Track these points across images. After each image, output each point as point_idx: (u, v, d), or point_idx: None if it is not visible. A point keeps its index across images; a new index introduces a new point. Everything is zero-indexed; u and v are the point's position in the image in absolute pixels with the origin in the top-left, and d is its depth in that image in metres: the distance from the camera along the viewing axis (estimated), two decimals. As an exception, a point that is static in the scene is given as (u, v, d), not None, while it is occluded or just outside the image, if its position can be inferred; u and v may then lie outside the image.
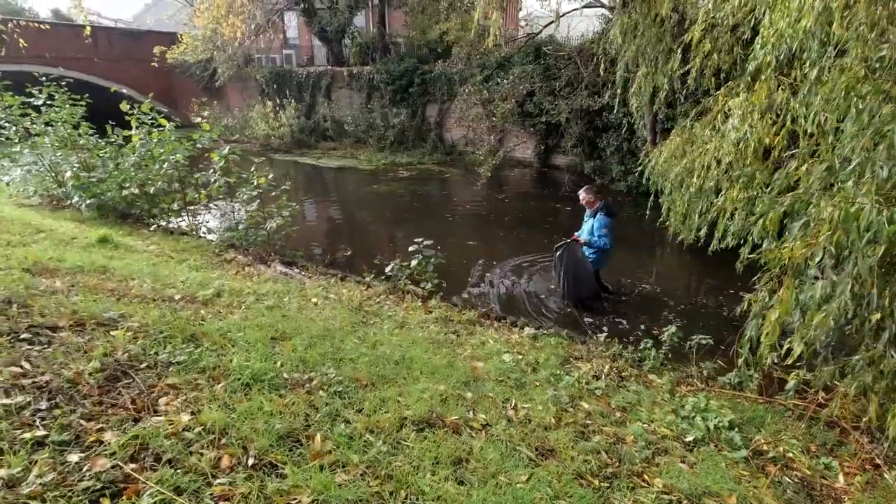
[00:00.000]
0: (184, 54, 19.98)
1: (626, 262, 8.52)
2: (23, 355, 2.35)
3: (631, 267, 8.27)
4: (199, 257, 6.20)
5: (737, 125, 6.66)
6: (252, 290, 4.64)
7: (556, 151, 15.71)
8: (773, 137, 6.36)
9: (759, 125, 6.49)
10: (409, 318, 4.73)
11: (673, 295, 7.07)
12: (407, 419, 2.46)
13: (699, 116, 8.33)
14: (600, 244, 5.96)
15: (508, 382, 3.38)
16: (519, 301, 6.59)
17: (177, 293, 4.04)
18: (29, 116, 8.11)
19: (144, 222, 7.80)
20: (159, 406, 2.18)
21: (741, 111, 6.71)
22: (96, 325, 2.91)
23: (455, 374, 3.30)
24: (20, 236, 5.09)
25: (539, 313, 6.17)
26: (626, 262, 8.52)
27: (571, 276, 6.15)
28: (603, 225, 6.00)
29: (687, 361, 4.56)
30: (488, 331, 4.79)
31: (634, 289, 7.22)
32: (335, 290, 5.44)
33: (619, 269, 7.94)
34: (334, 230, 10.28)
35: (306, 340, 3.33)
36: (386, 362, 3.26)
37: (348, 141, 18.98)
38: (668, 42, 8.46)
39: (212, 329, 3.17)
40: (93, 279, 3.98)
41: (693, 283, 7.97)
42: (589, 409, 3.19)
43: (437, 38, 17.95)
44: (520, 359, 4.08)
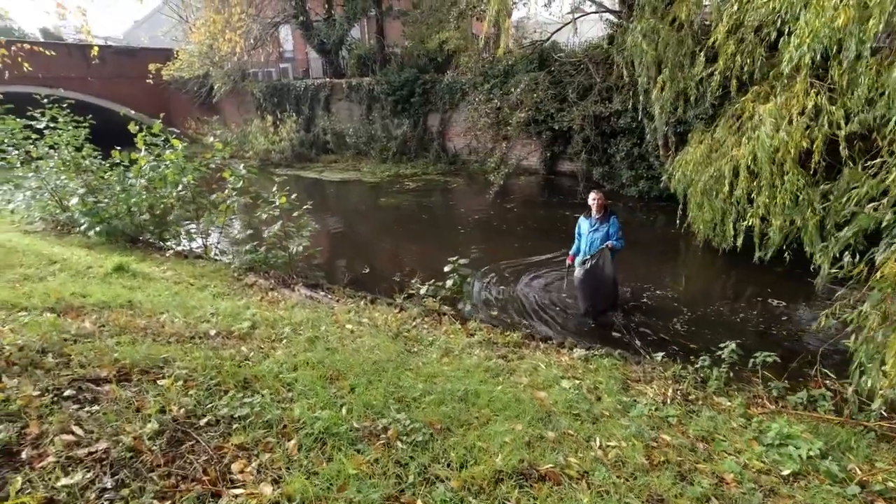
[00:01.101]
0: (180, 70, 19.71)
1: (647, 269, 8.35)
2: (72, 418, 2.09)
3: (653, 274, 8.10)
4: (220, 283, 5.93)
5: (770, 131, 6.51)
6: (286, 320, 4.39)
7: (563, 158, 15.55)
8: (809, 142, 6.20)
9: (796, 130, 6.33)
10: (451, 343, 4.49)
11: (702, 303, 6.88)
12: (502, 472, 2.22)
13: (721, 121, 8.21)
14: (619, 246, 5.91)
15: (581, 415, 3.14)
16: (548, 316, 6.37)
17: (211, 328, 3.78)
18: (31, 140, 7.83)
19: (156, 246, 7.52)
20: (234, 474, 1.93)
21: (773, 117, 6.56)
22: (140, 373, 2.65)
23: (524, 408, 3.07)
24: (35, 269, 4.81)
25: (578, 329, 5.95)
26: (647, 269, 8.35)
27: (602, 287, 5.95)
28: (619, 228, 5.96)
29: (744, 378, 4.36)
30: (536, 353, 4.55)
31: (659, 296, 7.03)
32: (367, 314, 5.19)
33: (639, 276, 7.77)
34: (348, 246, 10.02)
35: (362, 379, 3.08)
36: (450, 400, 3.01)
37: (349, 153, 18.76)
38: (690, 45, 8.32)
39: (262, 372, 2.92)
40: (121, 316, 3.71)
41: (723, 291, 7.79)
42: (672, 443, 2.96)
43: (436, 47, 17.82)
44: (578, 384, 3.85)
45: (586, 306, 6.10)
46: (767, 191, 6.71)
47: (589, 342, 5.05)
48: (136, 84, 22.33)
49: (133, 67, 22.61)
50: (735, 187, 7.11)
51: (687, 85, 8.72)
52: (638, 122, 12.69)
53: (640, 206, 12.73)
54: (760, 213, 6.85)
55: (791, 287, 7.13)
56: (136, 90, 22.59)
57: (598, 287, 5.96)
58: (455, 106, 16.97)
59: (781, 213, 6.55)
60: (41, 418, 2.06)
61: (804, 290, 7.11)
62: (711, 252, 8.14)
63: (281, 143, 18.38)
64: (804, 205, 6.21)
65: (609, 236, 5.90)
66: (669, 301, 6.92)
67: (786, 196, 6.42)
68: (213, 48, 17.74)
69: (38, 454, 1.84)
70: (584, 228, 6.14)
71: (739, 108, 7.70)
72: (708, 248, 8.22)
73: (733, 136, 7.57)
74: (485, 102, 13.29)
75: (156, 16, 33.84)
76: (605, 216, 5.97)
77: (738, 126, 7.59)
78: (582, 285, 6.04)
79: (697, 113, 10.36)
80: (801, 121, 6.21)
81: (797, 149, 6.22)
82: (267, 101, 20.89)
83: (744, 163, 6.87)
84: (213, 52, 18.26)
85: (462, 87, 15.93)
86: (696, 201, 8.08)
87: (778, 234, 6.60)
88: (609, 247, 5.83)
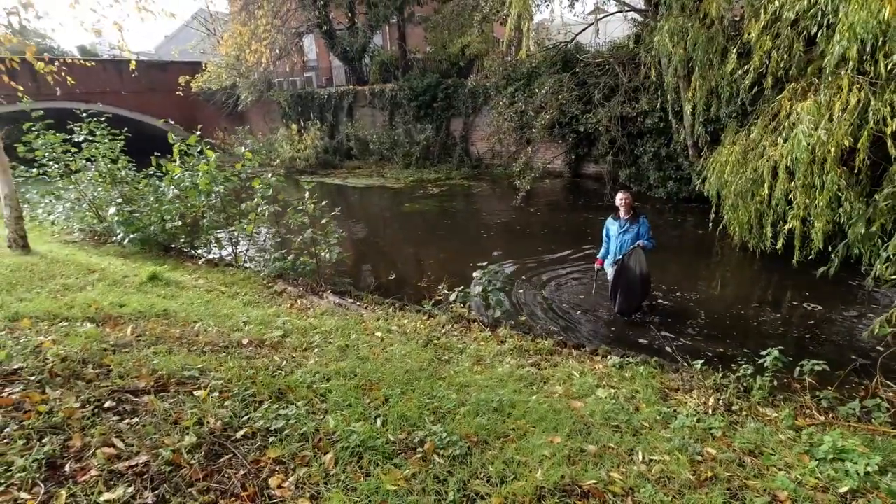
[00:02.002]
0: (208, 82, 20.20)
1: (678, 272, 8.16)
2: (113, 431, 2.10)
3: (685, 277, 7.90)
4: (250, 290, 5.99)
5: (809, 130, 6.24)
6: (316, 328, 4.39)
7: (587, 160, 15.35)
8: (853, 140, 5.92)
9: (838, 128, 6.05)
10: (482, 351, 4.42)
11: (737, 307, 6.68)
12: (543, 489, 2.14)
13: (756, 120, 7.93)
14: (651, 246, 5.91)
15: (621, 427, 3.03)
16: (577, 320, 6.25)
17: (243, 336, 3.81)
18: (70, 153, 8.09)
19: (188, 255, 7.67)
20: (272, 489, 1.90)
21: (812, 114, 6.30)
22: (177, 384, 2.66)
23: (561, 420, 2.98)
24: (75, 279, 4.94)
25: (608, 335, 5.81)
26: (678, 272, 8.16)
27: (637, 284, 5.91)
28: (649, 228, 5.97)
29: (788, 387, 4.17)
30: (569, 361, 4.44)
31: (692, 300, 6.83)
32: (396, 321, 5.16)
33: (670, 279, 7.59)
34: (374, 253, 10.04)
35: (395, 389, 3.04)
36: (486, 411, 2.94)
37: (373, 159, 18.91)
38: (721, 42, 8.09)
39: (295, 382, 2.91)
40: (157, 326, 3.77)
41: (759, 295, 7.52)
42: (718, 457, 2.82)
43: (458, 52, 17.84)
44: (614, 393, 3.73)
45: (620, 304, 6.02)
46: (808, 191, 6.44)
47: (622, 349, 4.90)
48: (166, 97, 22.95)
49: (164, 80, 23.27)
50: (773, 188, 6.86)
51: (718, 83, 8.49)
52: (666, 122, 12.42)
53: (668, 208, 12.45)
54: (801, 214, 6.59)
55: (831, 291, 6.85)
56: (166, 103, 23.22)
57: (632, 285, 5.91)
58: (478, 110, 16.93)
59: (823, 214, 6.29)
60: (83, 430, 2.08)
61: (844, 294, 6.82)
62: (746, 254, 7.87)
63: (306, 151, 18.64)
64: (847, 205, 5.93)
65: (640, 236, 5.86)
66: (702, 305, 6.72)
67: (827, 196, 6.15)
68: (240, 59, 18.11)
69: (80, 468, 1.85)
70: (612, 230, 6.07)
71: (776, 106, 7.44)
72: (743, 250, 7.95)
73: (770, 135, 7.32)
74: (509, 106, 13.19)
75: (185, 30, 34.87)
76: (634, 217, 5.94)
77: (774, 125, 7.34)
78: (616, 283, 5.97)
79: (730, 112, 10.07)
80: (843, 118, 5.95)
81: (839, 147, 5.95)
82: (292, 110, 21.23)
83: (782, 163, 6.62)
84: (240, 64, 18.64)
85: (485, 91, 15.88)
86: (730, 203, 7.83)
87: (819, 236, 6.33)
88: (640, 246, 5.79)
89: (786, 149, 6.54)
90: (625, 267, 5.87)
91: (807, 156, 6.22)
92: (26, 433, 1.97)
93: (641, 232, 5.89)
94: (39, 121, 7.54)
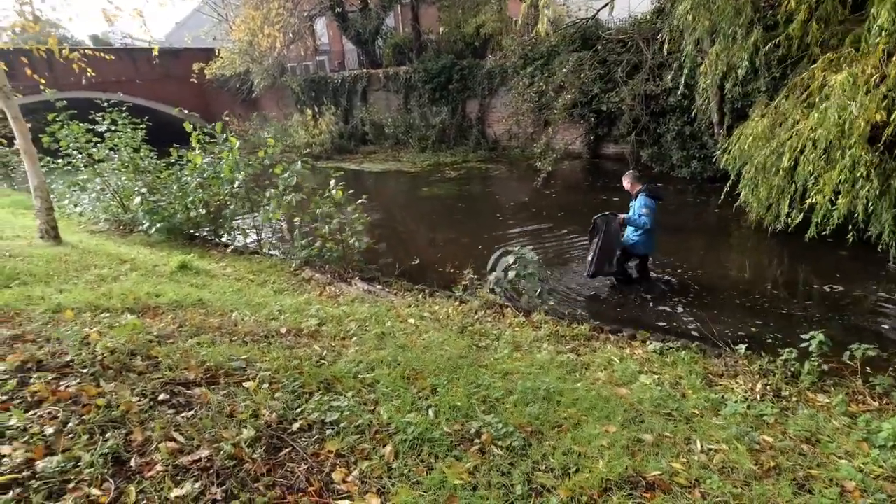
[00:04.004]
0: (221, 69, 20.11)
1: (704, 253, 8.07)
2: (171, 424, 2.08)
3: (710, 258, 7.80)
4: (278, 278, 5.99)
5: (841, 102, 6.00)
6: (350, 316, 4.36)
7: (607, 140, 15.04)
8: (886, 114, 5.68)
9: (871, 101, 5.80)
10: (518, 337, 4.36)
11: (763, 288, 6.56)
12: (609, 481, 2.08)
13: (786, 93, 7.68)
14: (640, 222, 5.94)
15: (673, 415, 2.96)
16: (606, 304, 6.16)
17: (281, 326, 3.79)
18: (93, 143, 8.11)
19: (213, 243, 7.69)
20: (337, 484, 1.87)
21: (845, 87, 6.04)
22: (226, 375, 2.64)
23: (612, 408, 2.91)
24: (108, 269, 4.96)
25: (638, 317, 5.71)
26: (704, 253, 8.07)
27: (601, 249, 6.06)
28: (644, 205, 5.97)
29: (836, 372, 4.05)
30: (606, 346, 4.37)
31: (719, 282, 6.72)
32: (427, 307, 5.12)
33: (694, 261, 7.50)
34: (395, 238, 9.98)
35: (441, 378, 3.00)
36: (534, 399, 2.89)
37: (388, 143, 18.76)
38: (749, 14, 7.77)
39: (341, 372, 2.88)
40: (195, 315, 3.76)
41: (784, 275, 7.37)
42: (776, 446, 2.74)
43: (472, 31, 17.49)
44: (658, 379, 3.65)
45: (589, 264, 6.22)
46: (834, 166, 6.23)
47: (659, 333, 4.81)
48: (180, 84, 22.96)
49: (177, 68, 23.23)
50: (798, 163, 6.65)
51: (743, 57, 8.20)
52: (690, 99, 12.07)
53: (691, 188, 12.17)
54: (826, 190, 6.40)
55: (853, 269, 6.70)
56: (180, 90, 23.23)
57: (604, 248, 6.06)
58: (494, 91, 16.64)
59: (850, 190, 6.09)
60: (142, 424, 2.06)
61: (866, 273, 6.66)
62: (762, 233, 7.70)
63: (321, 136, 18.55)
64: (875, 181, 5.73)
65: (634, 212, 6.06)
66: (729, 287, 6.63)
67: (857, 172, 5.94)
68: (253, 45, 17.97)
69: (145, 462, 1.83)
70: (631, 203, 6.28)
71: (807, 77, 7.17)
72: (759, 228, 7.78)
73: (800, 107, 7.07)
74: (528, 87, 12.90)
75: (196, 16, 34.65)
76: (637, 193, 6.10)
77: (805, 97, 7.09)
78: (590, 242, 6.28)
79: (757, 86, 9.73)
80: (878, 92, 5.70)
81: (868, 123, 5.71)
82: (305, 95, 21.09)
83: (810, 136, 6.40)
84: (253, 49, 18.50)
85: (502, 71, 15.57)
86: (749, 177, 7.64)
87: (842, 213, 6.16)
88: (621, 219, 6.04)
89: (814, 121, 6.32)
90: (595, 227, 6.11)
91: (835, 130, 6.00)
92: (88, 427, 1.95)
93: (636, 207, 6.03)
94: (63, 111, 7.54)
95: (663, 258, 7.51)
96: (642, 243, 6.12)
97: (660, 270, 7.07)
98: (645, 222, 5.90)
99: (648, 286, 6.40)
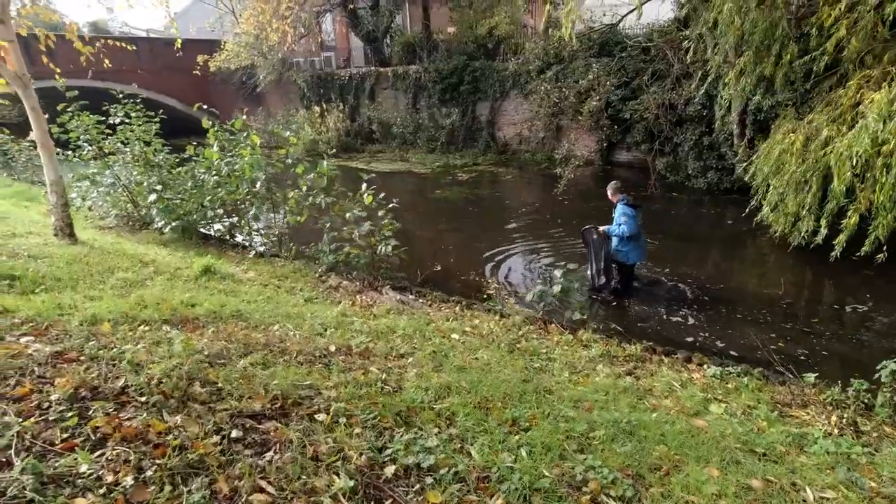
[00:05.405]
0: (227, 62, 19.72)
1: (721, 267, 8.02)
2: (254, 469, 1.84)
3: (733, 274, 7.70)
4: (304, 285, 5.73)
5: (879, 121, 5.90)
6: (394, 330, 4.13)
7: (620, 147, 14.90)
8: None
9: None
10: (569, 357, 4.16)
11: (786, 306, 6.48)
12: (744, 543, 1.88)
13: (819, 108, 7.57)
14: (618, 232, 6.04)
15: (767, 454, 2.77)
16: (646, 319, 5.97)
17: (329, 343, 3.55)
18: (104, 135, 7.78)
19: (229, 244, 7.40)
20: (457, 548, 1.64)
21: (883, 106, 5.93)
22: (293, 405, 2.40)
23: (702, 446, 2.71)
24: (132, 272, 4.68)
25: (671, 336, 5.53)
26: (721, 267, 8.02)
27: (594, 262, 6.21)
28: (622, 213, 6.06)
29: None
30: (661, 368, 4.18)
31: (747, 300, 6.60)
32: (468, 321, 4.90)
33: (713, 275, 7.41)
34: (414, 243, 9.71)
35: (516, 408, 2.79)
36: (619, 434, 2.69)
37: (395, 143, 18.48)
38: (785, 27, 7.64)
39: (413, 402, 2.65)
40: (236, 329, 3.51)
41: (811, 294, 7.28)
42: (883, 492, 2.56)
43: (485, 33, 17.28)
44: (727, 408, 3.47)
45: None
46: (872, 184, 6.13)
47: (713, 356, 4.63)
48: (182, 76, 22.51)
49: (180, 59, 22.72)
50: (831, 180, 6.54)
51: (775, 70, 8.09)
52: (709, 109, 11.95)
53: (707, 199, 12.05)
54: (862, 208, 6.30)
55: (886, 288, 6.58)
56: (182, 82, 22.79)
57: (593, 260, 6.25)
58: (506, 94, 16.44)
59: (889, 209, 5.98)
60: (222, 469, 1.82)
61: None
62: (786, 249, 7.59)
63: (328, 134, 18.24)
64: None
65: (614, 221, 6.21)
66: (754, 301, 6.52)
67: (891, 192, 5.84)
68: (260, 38, 17.61)
69: (240, 521, 1.59)
70: None
71: (843, 93, 7.06)
72: (782, 245, 7.69)
73: (834, 124, 6.96)
74: (550, 91, 12.70)
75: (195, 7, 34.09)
76: (616, 205, 6.24)
77: (839, 114, 6.99)
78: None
79: (784, 99, 9.62)
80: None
81: None
82: (311, 91, 20.75)
83: (845, 153, 6.28)
84: (260, 43, 18.14)
85: (516, 74, 15.37)
86: (776, 192, 7.52)
87: (883, 231, 6.05)
88: (601, 232, 6.20)
89: (850, 138, 6.20)
90: (584, 239, 6.39)
91: (872, 149, 5.88)
92: (168, 474, 1.71)
93: (615, 216, 6.15)
94: (74, 101, 7.21)
95: (687, 269, 7.42)
96: (631, 252, 6.18)
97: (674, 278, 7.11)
98: (624, 231, 5.96)
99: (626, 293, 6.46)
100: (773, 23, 7.89)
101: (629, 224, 5.97)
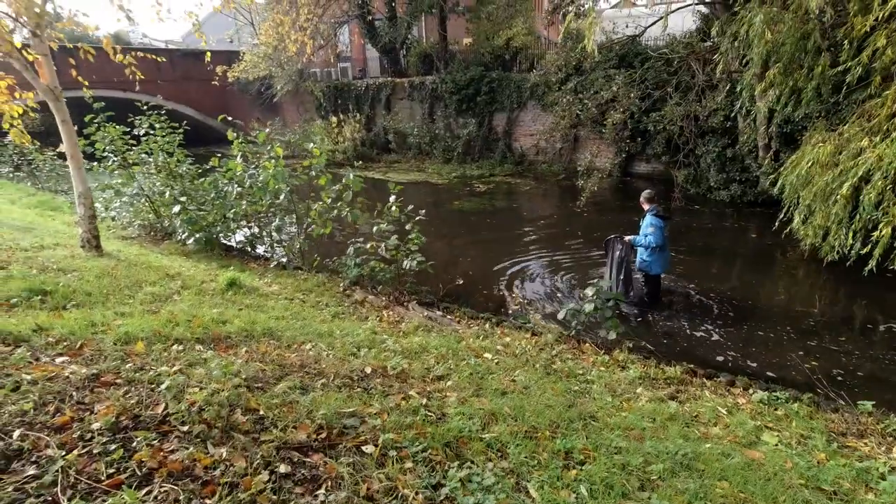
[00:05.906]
0: (245, 72, 19.91)
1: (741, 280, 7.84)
2: (309, 511, 1.73)
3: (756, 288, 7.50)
4: (329, 299, 5.65)
5: None
6: (427, 349, 4.02)
7: (639, 159, 14.74)
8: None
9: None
10: (608, 379, 4.01)
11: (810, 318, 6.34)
12: None
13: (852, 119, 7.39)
14: (644, 242, 6.01)
15: (838, 493, 2.60)
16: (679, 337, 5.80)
17: (363, 363, 3.44)
18: (129, 146, 7.82)
19: (251, 255, 7.36)
20: None
21: None
22: (339, 436, 2.29)
23: (772, 485, 2.55)
24: (160, 286, 4.63)
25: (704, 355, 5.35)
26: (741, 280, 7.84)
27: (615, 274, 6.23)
28: (650, 224, 6.02)
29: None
30: (704, 392, 4.01)
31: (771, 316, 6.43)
32: (498, 339, 4.77)
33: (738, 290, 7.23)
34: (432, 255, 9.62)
35: (569, 439, 2.65)
36: (678, 469, 2.54)
37: (411, 153, 18.48)
38: (817, 39, 7.49)
39: (461, 432, 2.53)
40: (269, 349, 3.42)
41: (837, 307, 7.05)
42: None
43: (502, 44, 17.26)
44: (781, 437, 3.30)
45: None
46: None
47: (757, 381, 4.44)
48: (201, 86, 22.77)
49: (198, 70, 23.06)
50: (863, 192, 6.35)
51: (807, 82, 7.94)
52: (732, 121, 11.78)
53: (730, 212, 11.83)
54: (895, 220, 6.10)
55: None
56: (201, 92, 23.06)
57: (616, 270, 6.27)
58: (523, 105, 16.38)
59: None
60: (275, 510, 1.71)
61: None
62: (815, 263, 7.39)
63: (344, 144, 18.29)
64: None
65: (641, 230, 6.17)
66: (782, 318, 6.33)
67: None
68: (278, 49, 17.75)
69: (300, 573, 1.48)
70: None
71: (878, 103, 6.89)
72: (812, 259, 7.47)
73: (867, 135, 6.79)
74: (572, 102, 12.61)
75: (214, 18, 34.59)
76: (646, 213, 6.16)
77: (872, 125, 6.82)
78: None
79: (813, 110, 9.42)
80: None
81: None
82: (327, 102, 20.86)
83: (878, 165, 6.10)
84: (278, 53, 18.29)
85: (533, 85, 15.31)
86: (805, 204, 7.33)
87: None
88: (625, 240, 6.18)
89: (883, 150, 6.03)
90: (606, 249, 6.44)
91: None
92: (220, 519, 1.61)
93: (643, 226, 6.12)
94: (101, 112, 7.25)
95: (712, 283, 7.26)
96: (654, 263, 6.11)
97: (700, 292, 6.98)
98: (651, 241, 5.93)
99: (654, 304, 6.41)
100: (804, 34, 7.76)
101: (656, 235, 5.92)
